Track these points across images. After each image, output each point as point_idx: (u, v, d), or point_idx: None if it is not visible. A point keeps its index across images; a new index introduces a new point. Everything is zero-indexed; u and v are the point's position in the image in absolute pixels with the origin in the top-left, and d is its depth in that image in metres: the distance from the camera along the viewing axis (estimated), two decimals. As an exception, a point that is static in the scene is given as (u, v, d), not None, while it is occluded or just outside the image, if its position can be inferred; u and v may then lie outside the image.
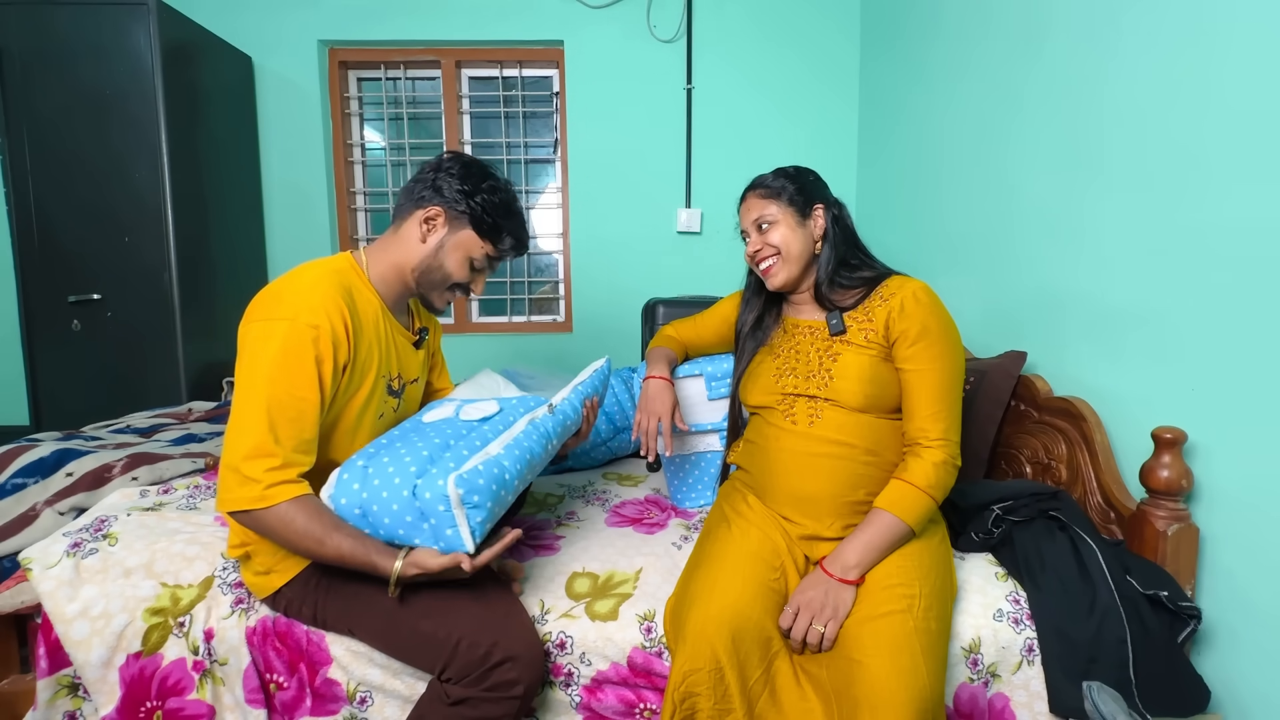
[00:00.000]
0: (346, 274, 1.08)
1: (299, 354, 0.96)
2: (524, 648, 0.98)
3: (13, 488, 1.40)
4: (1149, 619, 1.03)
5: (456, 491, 0.93)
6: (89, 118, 2.27)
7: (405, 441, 1.04)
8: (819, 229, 1.21)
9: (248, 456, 0.93)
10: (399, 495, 0.95)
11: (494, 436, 1.06)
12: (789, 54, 2.78)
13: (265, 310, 0.99)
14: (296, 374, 0.96)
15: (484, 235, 1.15)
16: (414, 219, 1.13)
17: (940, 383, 1.09)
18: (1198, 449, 1.10)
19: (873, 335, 1.14)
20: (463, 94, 2.95)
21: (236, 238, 2.71)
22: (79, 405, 2.34)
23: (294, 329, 0.96)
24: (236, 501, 0.94)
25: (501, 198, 1.15)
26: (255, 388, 0.95)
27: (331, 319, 0.99)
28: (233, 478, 0.94)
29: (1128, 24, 1.25)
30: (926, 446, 1.08)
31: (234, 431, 0.95)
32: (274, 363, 0.95)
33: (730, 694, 0.94)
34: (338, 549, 0.95)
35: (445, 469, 0.96)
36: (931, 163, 2.10)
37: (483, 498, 0.95)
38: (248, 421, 0.94)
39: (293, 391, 0.96)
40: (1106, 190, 1.30)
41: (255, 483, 0.93)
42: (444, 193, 1.12)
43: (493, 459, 0.99)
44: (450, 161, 1.14)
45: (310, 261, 1.09)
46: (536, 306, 3.12)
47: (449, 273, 1.14)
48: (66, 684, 1.11)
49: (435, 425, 1.09)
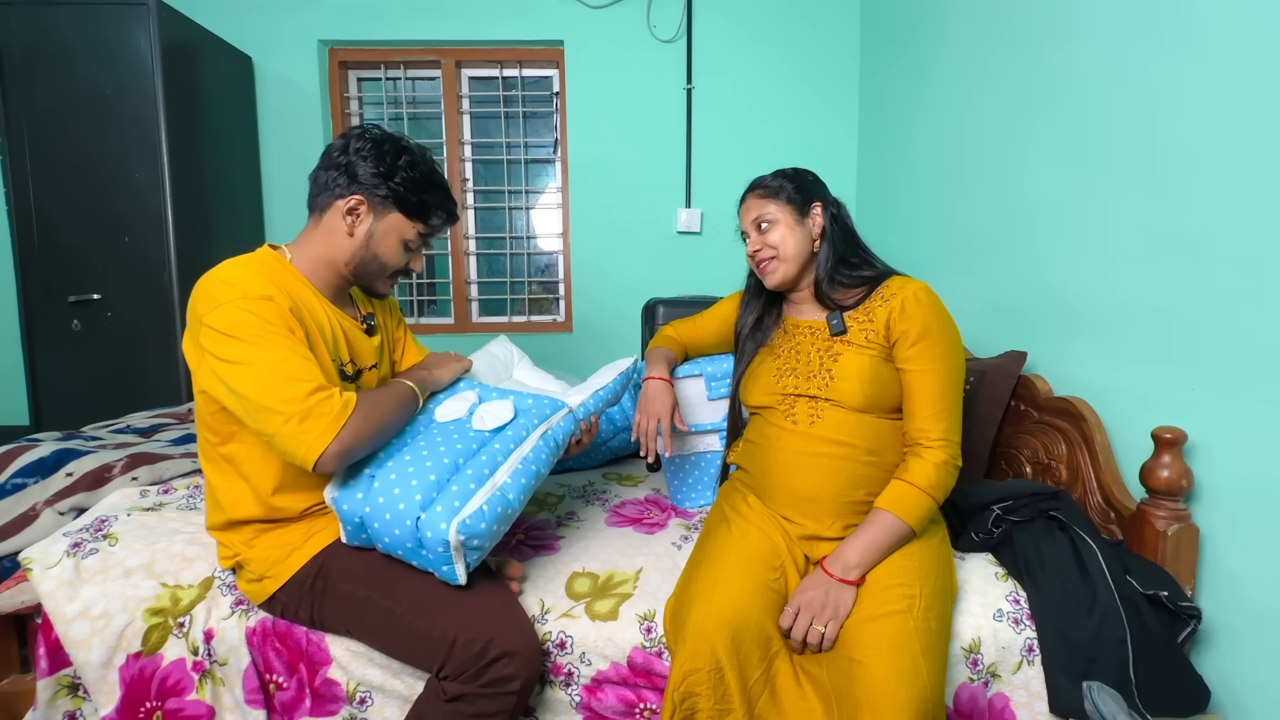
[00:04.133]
0: (270, 263, 1.05)
1: (273, 320, 0.95)
2: (521, 643, 0.98)
3: (13, 488, 1.40)
4: (1149, 619, 1.03)
5: (458, 539, 0.95)
6: (89, 118, 2.27)
7: (415, 454, 1.02)
8: (817, 228, 1.21)
9: (306, 395, 0.91)
10: (402, 523, 0.96)
11: (504, 457, 1.05)
12: (789, 54, 2.78)
13: (209, 303, 0.95)
14: (274, 335, 0.94)
15: (412, 216, 1.10)
16: (334, 211, 1.07)
17: (941, 383, 1.09)
18: (1198, 449, 1.10)
19: (873, 335, 1.14)
20: (463, 94, 2.95)
21: (236, 238, 2.71)
22: (79, 405, 2.34)
23: (246, 304, 0.94)
24: (324, 428, 0.92)
25: (421, 171, 1.09)
26: (260, 354, 0.92)
27: (280, 292, 0.98)
28: (297, 416, 0.91)
29: (1132, 26, 1.25)
30: (927, 447, 1.08)
31: (270, 391, 0.91)
32: (260, 330, 0.93)
33: (730, 694, 0.94)
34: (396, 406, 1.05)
35: (450, 506, 0.95)
36: (932, 163, 2.10)
37: (483, 540, 0.97)
38: (278, 378, 0.91)
39: (281, 347, 0.93)
40: (1106, 190, 1.30)
41: (327, 397, 0.93)
42: (360, 178, 1.06)
43: (498, 493, 1.00)
44: (358, 141, 1.07)
45: (227, 260, 1.04)
46: (536, 306, 3.12)
47: (385, 261, 1.11)
48: (66, 684, 1.11)
49: (447, 431, 1.07)
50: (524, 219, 3.09)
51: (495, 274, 3.12)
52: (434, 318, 3.10)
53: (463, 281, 3.03)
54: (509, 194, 3.01)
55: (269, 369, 0.92)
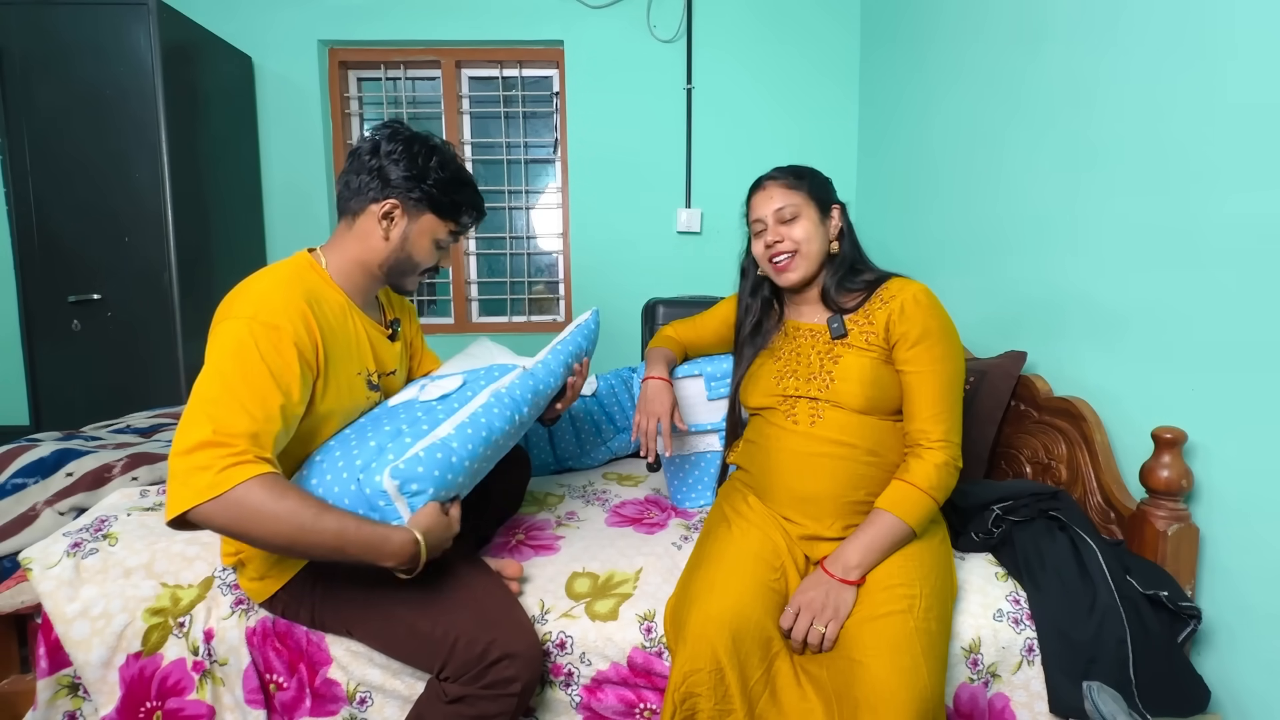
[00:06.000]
0: (307, 275, 1.04)
1: (254, 350, 0.89)
2: (522, 645, 0.98)
3: (13, 488, 1.40)
4: (1149, 619, 1.03)
5: (393, 483, 0.92)
6: (89, 118, 2.27)
7: (359, 433, 1.02)
8: (835, 229, 1.21)
9: (193, 448, 0.83)
10: (347, 489, 0.93)
11: (446, 417, 1.03)
12: (789, 54, 2.78)
13: (223, 311, 0.95)
14: (251, 370, 0.88)
15: (444, 216, 1.11)
16: (369, 215, 1.07)
17: (941, 384, 1.09)
18: (1198, 449, 1.10)
19: (873, 338, 1.14)
20: (463, 94, 2.95)
21: (236, 238, 2.71)
22: (79, 405, 2.34)
23: (251, 326, 0.90)
24: (184, 499, 0.81)
25: (451, 171, 1.10)
26: (209, 382, 0.88)
27: (294, 322, 0.94)
28: (175, 476, 0.83)
29: (1127, 22, 1.25)
30: (928, 448, 1.08)
31: (182, 425, 0.85)
32: (230, 357, 0.89)
33: (731, 694, 0.94)
34: (338, 529, 0.87)
35: (385, 461, 0.94)
36: (932, 163, 2.10)
37: (423, 484, 0.94)
38: (197, 414, 0.85)
39: (247, 382, 0.87)
40: (1107, 190, 1.30)
41: (204, 470, 0.82)
42: (393, 181, 1.06)
43: (437, 443, 0.97)
44: (388, 143, 1.06)
45: (268, 266, 1.05)
46: (536, 307, 3.12)
47: (418, 262, 1.12)
48: (66, 684, 1.11)
49: (395, 410, 1.08)
50: (524, 219, 3.09)
51: (495, 274, 3.12)
52: (434, 317, 3.10)
53: (463, 281, 3.03)
54: (509, 194, 3.01)
55: (216, 400, 0.86)
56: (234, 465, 0.83)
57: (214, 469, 0.82)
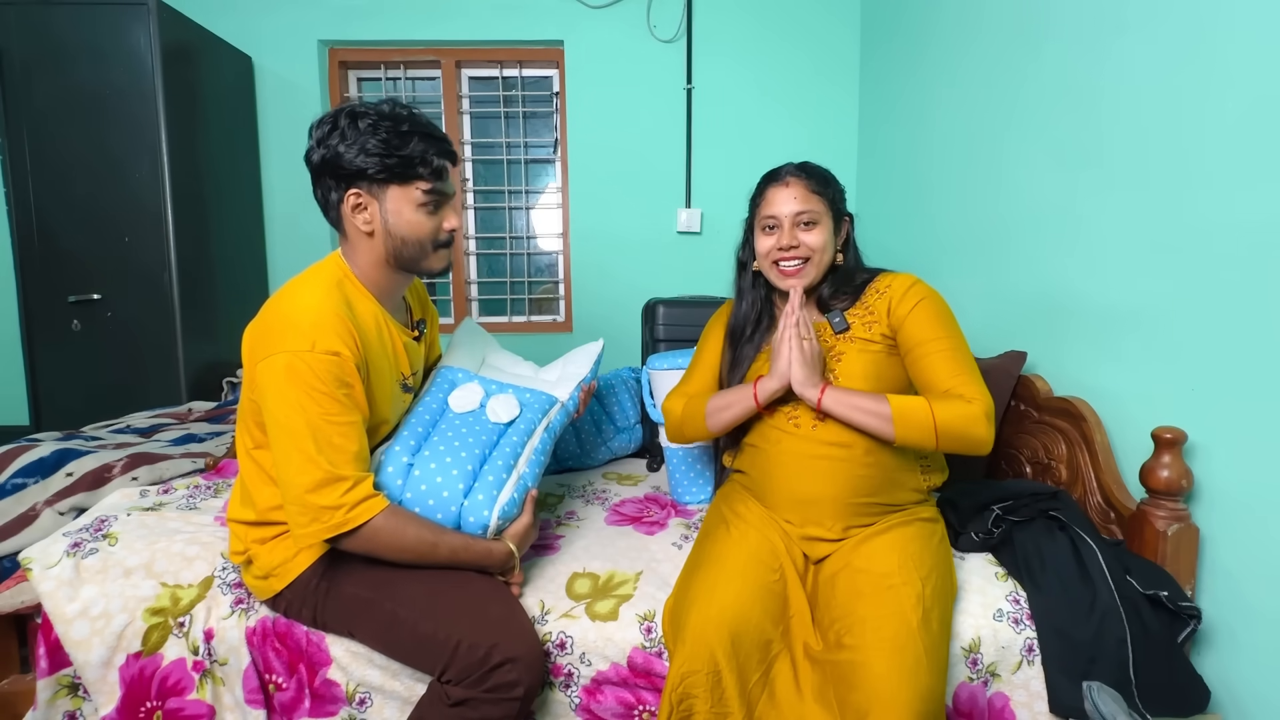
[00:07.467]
0: (344, 284, 1.05)
1: (326, 381, 0.95)
2: (524, 649, 0.98)
3: (13, 488, 1.40)
4: (1149, 619, 1.03)
5: (497, 523, 1.08)
6: (89, 118, 2.27)
7: (446, 444, 1.11)
8: (842, 238, 1.22)
9: (313, 489, 0.93)
10: (447, 509, 1.06)
11: (520, 449, 1.16)
12: (789, 54, 2.77)
13: (278, 343, 0.95)
14: (328, 401, 0.95)
15: (406, 179, 1.02)
16: (347, 218, 1.05)
17: (956, 348, 1.10)
18: (1198, 449, 1.10)
19: (876, 326, 1.14)
20: (463, 94, 2.95)
21: (236, 238, 2.71)
22: (79, 405, 2.34)
23: (315, 359, 0.94)
24: (319, 533, 0.94)
25: (388, 126, 0.99)
26: (293, 422, 0.94)
27: (348, 345, 0.98)
28: (305, 513, 0.94)
29: (1127, 21, 1.25)
30: (969, 401, 1.04)
31: (288, 469, 0.94)
32: (305, 393, 0.94)
33: (728, 696, 0.94)
34: (451, 548, 1.02)
35: (489, 495, 1.08)
36: (932, 163, 2.10)
37: (510, 522, 1.11)
38: (299, 456, 0.93)
39: (329, 418, 0.95)
40: (1106, 189, 1.30)
41: (333, 509, 0.94)
42: (343, 168, 1.00)
43: (520, 481, 1.13)
44: (316, 132, 1.02)
45: (307, 275, 1.05)
46: (536, 306, 3.12)
47: (412, 237, 1.05)
48: (66, 684, 1.11)
49: (467, 422, 1.16)
50: (524, 219, 3.09)
51: (495, 274, 3.12)
52: (434, 318, 3.10)
53: (463, 281, 3.03)
54: (509, 194, 3.01)
55: (308, 437, 0.94)
56: (361, 502, 0.95)
57: (343, 508, 0.94)
